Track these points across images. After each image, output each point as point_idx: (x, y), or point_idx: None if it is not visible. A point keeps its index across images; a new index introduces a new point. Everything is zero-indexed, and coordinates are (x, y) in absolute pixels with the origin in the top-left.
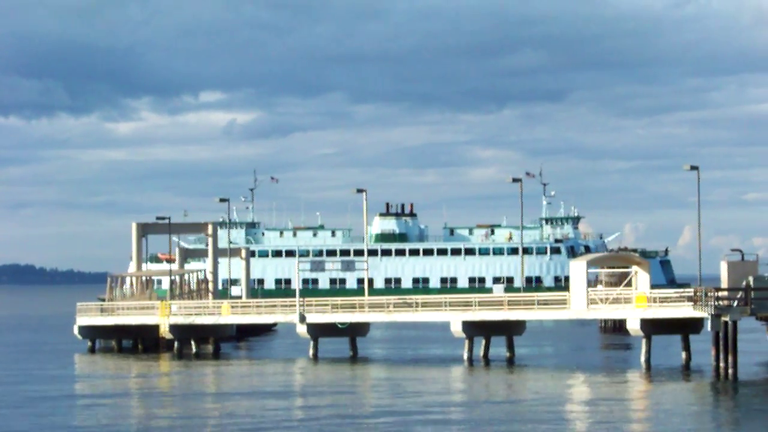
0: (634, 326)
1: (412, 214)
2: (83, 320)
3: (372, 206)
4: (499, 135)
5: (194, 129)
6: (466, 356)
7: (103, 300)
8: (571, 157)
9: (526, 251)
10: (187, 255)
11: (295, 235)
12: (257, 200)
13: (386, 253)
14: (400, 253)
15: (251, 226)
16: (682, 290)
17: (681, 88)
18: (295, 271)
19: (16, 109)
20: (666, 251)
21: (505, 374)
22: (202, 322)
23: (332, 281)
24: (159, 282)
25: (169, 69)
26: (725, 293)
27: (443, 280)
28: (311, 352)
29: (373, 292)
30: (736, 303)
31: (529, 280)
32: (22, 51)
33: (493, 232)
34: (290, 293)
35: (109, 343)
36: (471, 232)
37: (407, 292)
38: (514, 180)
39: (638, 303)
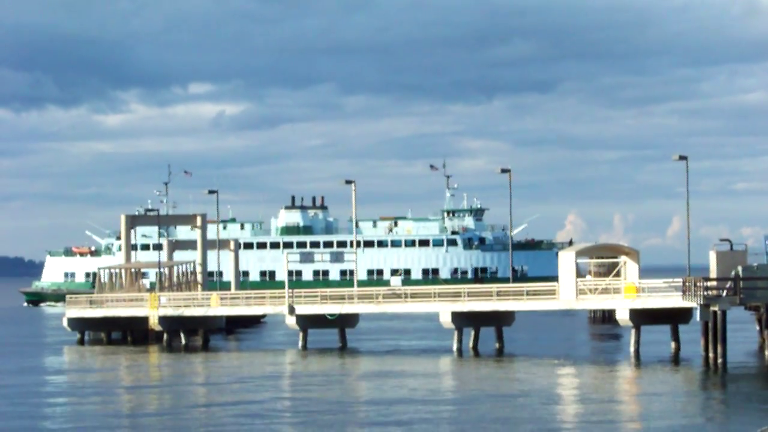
0: (623, 316)
1: (322, 207)
2: (72, 312)
3: (361, 197)
4: (488, 126)
5: (183, 121)
6: (455, 347)
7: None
8: (560, 147)
9: (425, 243)
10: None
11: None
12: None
13: (288, 245)
14: (302, 245)
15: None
16: (671, 280)
17: (670, 79)
18: (284, 262)
19: (6, 102)
20: (570, 243)
21: (494, 365)
22: (191, 314)
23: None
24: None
25: (159, 61)
26: (714, 283)
27: (343, 273)
28: (300, 343)
29: (275, 285)
30: (725, 293)
31: (426, 271)
32: (11, 43)
33: (396, 225)
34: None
35: (99, 335)
36: (375, 224)
37: (308, 284)
38: (503, 171)
39: (627, 293)
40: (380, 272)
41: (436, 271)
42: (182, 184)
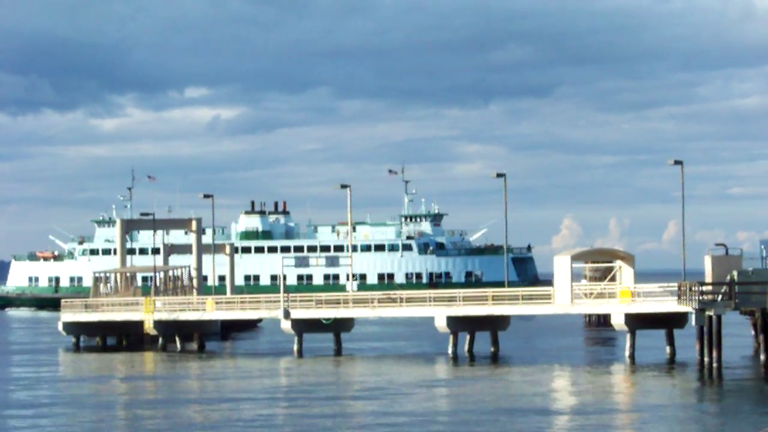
0: (618, 321)
1: (284, 212)
2: (67, 317)
3: (357, 202)
4: (485, 130)
5: (179, 125)
6: (450, 351)
7: None
8: (556, 152)
9: (381, 248)
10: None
11: (168, 233)
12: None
13: (246, 250)
14: (260, 250)
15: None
16: (666, 285)
17: (667, 83)
18: (280, 266)
19: (2, 106)
20: (528, 248)
21: (488, 369)
22: (186, 318)
23: (246, 277)
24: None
25: (155, 65)
26: (709, 288)
27: (299, 277)
28: (296, 347)
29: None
30: (720, 297)
31: (381, 276)
32: (7, 47)
33: (354, 230)
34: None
35: (94, 340)
36: (333, 229)
37: (264, 289)
38: (498, 175)
39: (622, 298)
40: (336, 277)
41: (391, 276)
42: (167, 187)
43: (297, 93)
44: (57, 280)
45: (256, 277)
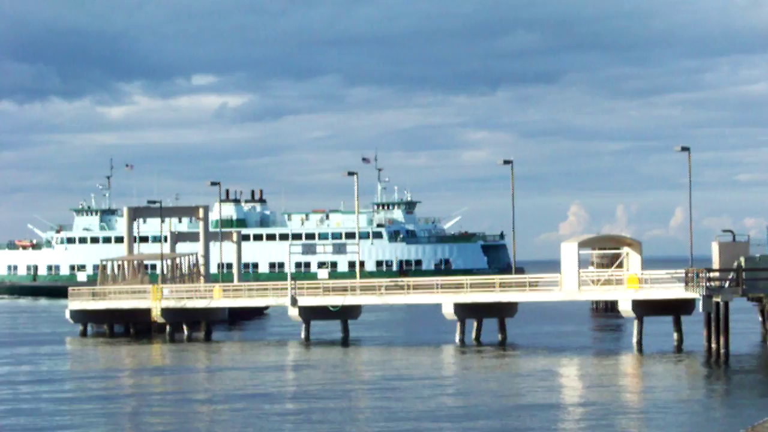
0: (625, 307)
1: (261, 200)
2: (75, 304)
3: (363, 189)
4: (492, 117)
5: (186, 112)
6: (458, 338)
7: None
8: (563, 138)
9: (352, 236)
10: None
11: (145, 221)
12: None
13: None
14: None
15: (106, 213)
16: (674, 271)
17: (674, 70)
18: (287, 253)
19: (9, 94)
20: (501, 235)
21: (496, 356)
22: (193, 306)
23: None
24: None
25: (162, 53)
26: (717, 274)
27: (272, 265)
28: (303, 334)
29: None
30: (727, 284)
31: (351, 264)
32: (14, 35)
33: (328, 218)
34: None
35: (101, 328)
36: (307, 217)
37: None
38: (506, 162)
39: (630, 284)
40: (308, 265)
41: (362, 264)
42: (174, 175)
43: (304, 80)
44: (35, 268)
45: (229, 265)
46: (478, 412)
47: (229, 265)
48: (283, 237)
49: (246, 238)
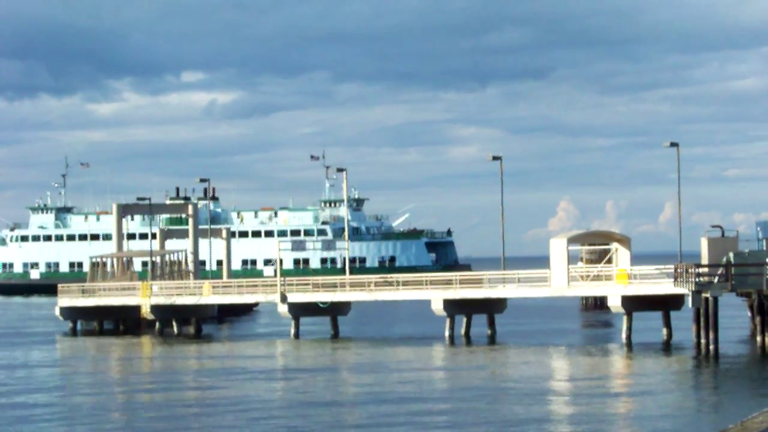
0: (615, 303)
1: (213, 198)
2: (64, 301)
3: (355, 185)
4: (481, 113)
5: (175, 109)
6: (447, 334)
7: None
8: (552, 134)
9: (297, 233)
10: (166, 235)
11: (98, 219)
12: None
13: (170, 234)
14: (182, 235)
15: (61, 211)
16: (663, 267)
17: (662, 65)
18: (276, 250)
19: None
20: (449, 232)
21: (486, 352)
22: (183, 303)
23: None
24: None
25: (151, 49)
26: (706, 269)
27: (219, 263)
28: (293, 331)
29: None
30: (716, 279)
31: (297, 261)
32: (3, 32)
33: (276, 215)
34: (82, 276)
35: (91, 325)
36: (256, 215)
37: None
38: (495, 158)
39: (619, 280)
40: (254, 262)
41: (306, 261)
42: (164, 171)
43: (293, 77)
44: None
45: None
46: (464, 404)
47: (219, 262)
48: (232, 234)
49: None
